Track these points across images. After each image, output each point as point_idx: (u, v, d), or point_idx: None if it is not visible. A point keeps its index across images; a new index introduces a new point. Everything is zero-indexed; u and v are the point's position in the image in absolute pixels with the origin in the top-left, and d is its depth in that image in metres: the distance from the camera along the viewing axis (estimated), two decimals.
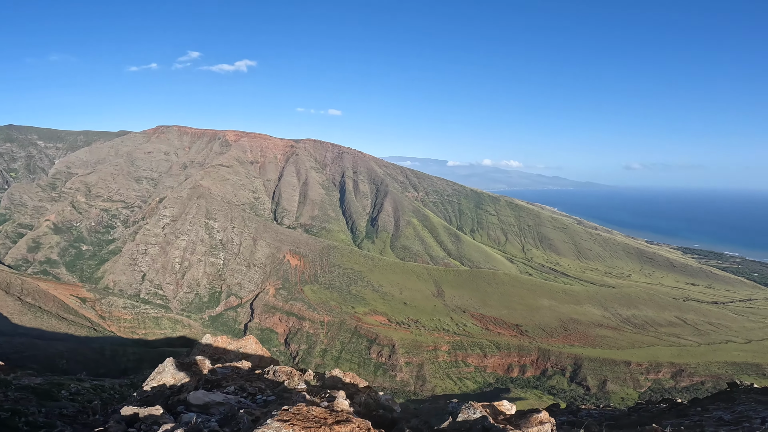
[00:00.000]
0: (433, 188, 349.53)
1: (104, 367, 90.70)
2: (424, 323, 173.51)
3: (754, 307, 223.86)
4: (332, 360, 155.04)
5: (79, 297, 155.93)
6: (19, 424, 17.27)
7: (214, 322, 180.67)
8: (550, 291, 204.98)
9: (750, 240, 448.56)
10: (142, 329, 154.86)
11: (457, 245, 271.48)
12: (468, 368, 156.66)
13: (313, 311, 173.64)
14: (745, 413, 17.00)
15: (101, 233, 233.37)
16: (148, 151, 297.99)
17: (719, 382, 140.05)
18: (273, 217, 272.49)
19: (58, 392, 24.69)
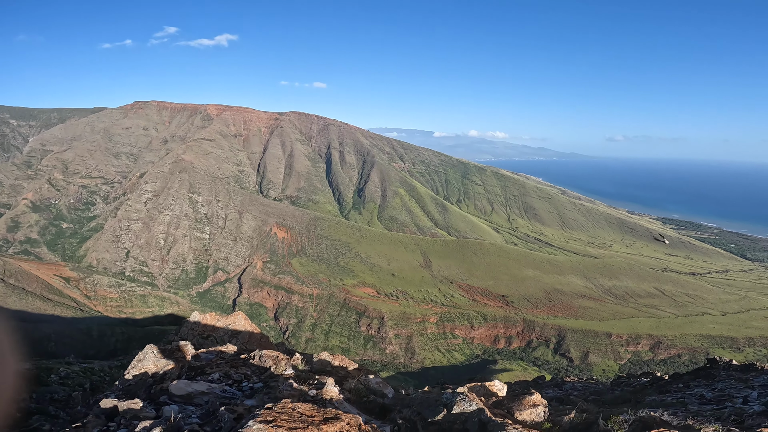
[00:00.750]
0: (419, 159, 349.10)
1: (92, 348, 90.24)
2: (412, 294, 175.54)
3: (730, 279, 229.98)
4: (322, 334, 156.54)
5: (62, 277, 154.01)
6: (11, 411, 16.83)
7: (203, 298, 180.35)
8: (534, 261, 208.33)
9: (728, 211, 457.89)
10: (129, 308, 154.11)
11: (444, 215, 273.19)
12: (456, 340, 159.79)
13: (301, 284, 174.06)
14: (726, 391, 17.24)
15: (81, 210, 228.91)
16: (126, 126, 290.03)
17: (695, 355, 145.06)
18: (258, 189, 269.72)
19: (48, 377, 24.28)
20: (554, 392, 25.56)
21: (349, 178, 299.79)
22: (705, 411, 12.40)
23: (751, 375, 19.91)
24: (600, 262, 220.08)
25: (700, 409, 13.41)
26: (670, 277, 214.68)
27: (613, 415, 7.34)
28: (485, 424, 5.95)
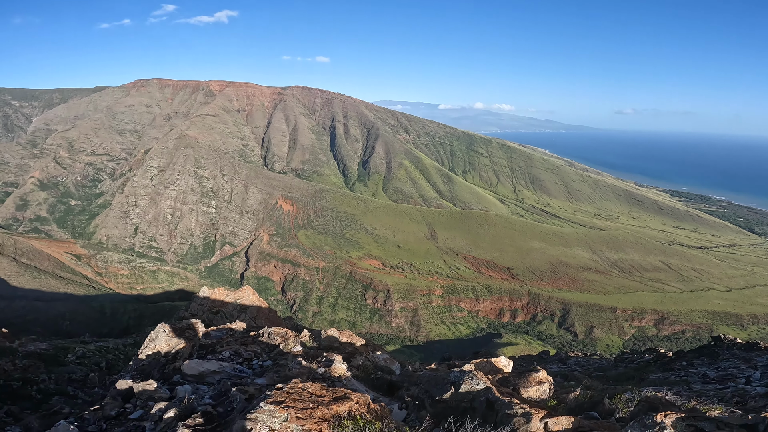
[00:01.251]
0: (424, 131, 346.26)
1: (106, 326, 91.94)
2: (418, 267, 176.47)
3: (737, 253, 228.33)
4: (329, 307, 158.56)
5: (73, 254, 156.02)
6: (32, 392, 17.22)
7: (211, 272, 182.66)
8: (540, 233, 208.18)
9: (737, 184, 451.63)
10: (140, 284, 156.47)
11: (449, 186, 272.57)
12: (461, 313, 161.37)
13: (308, 257, 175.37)
14: (729, 371, 17.30)
15: (88, 187, 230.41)
16: (128, 104, 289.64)
17: (699, 331, 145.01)
18: (263, 163, 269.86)
19: (65, 357, 24.77)
20: (558, 368, 25.92)
21: (353, 151, 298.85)
22: (708, 391, 12.50)
23: (754, 354, 19.97)
24: (606, 234, 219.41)
25: (703, 388, 13.52)
26: (677, 250, 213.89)
27: (618, 393, 7.44)
28: (492, 403, 6.05)
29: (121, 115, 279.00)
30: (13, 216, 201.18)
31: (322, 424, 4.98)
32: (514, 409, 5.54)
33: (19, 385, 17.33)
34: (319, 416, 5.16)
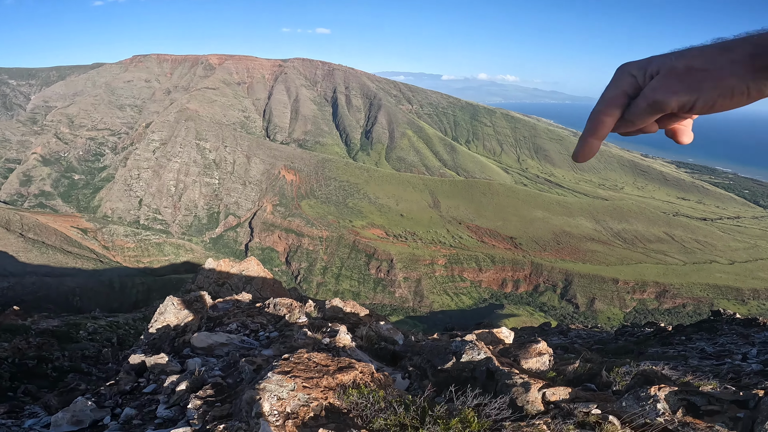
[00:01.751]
0: (427, 101, 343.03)
1: (115, 300, 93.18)
2: (421, 236, 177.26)
3: (741, 225, 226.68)
4: (333, 278, 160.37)
5: (79, 228, 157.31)
6: (47, 370, 17.47)
7: (216, 244, 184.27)
8: (544, 202, 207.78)
9: (744, 156, 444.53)
10: (147, 257, 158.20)
11: (452, 155, 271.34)
12: (464, 283, 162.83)
13: (311, 227, 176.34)
14: (727, 346, 17.52)
15: (91, 161, 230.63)
16: (127, 80, 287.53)
17: (700, 305, 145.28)
18: (265, 134, 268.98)
19: (77, 333, 25.18)
20: (559, 340, 26.38)
21: (356, 121, 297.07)
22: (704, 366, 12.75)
23: (752, 330, 20.15)
24: (610, 204, 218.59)
25: (700, 364, 13.77)
26: (681, 221, 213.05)
27: (616, 366, 7.63)
28: (493, 373, 6.23)
29: (120, 91, 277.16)
30: (17, 192, 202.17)
31: (328, 393, 5.17)
32: (513, 379, 5.72)
33: (34, 363, 17.57)
34: (324, 385, 5.35)
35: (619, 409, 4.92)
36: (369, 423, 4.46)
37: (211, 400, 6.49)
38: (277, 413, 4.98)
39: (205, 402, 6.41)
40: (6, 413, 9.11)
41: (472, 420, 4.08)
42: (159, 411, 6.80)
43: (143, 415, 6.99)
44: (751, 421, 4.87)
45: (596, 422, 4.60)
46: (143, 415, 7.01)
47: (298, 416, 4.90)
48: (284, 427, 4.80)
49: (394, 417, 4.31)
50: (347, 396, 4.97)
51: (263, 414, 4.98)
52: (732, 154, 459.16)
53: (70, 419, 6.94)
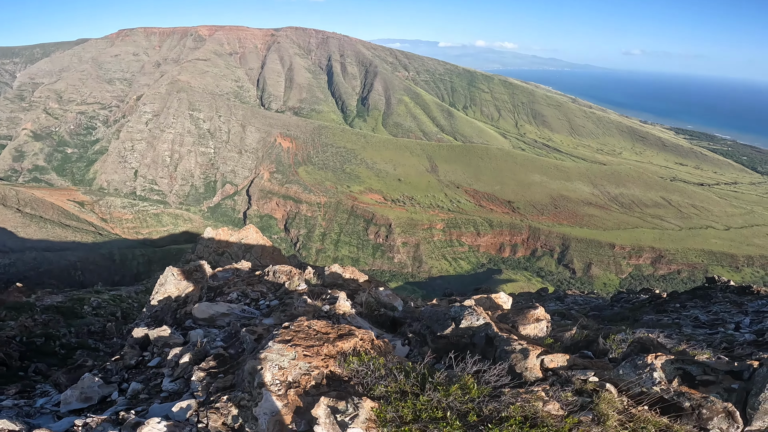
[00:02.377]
0: (424, 68, 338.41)
1: (117, 273, 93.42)
2: (419, 200, 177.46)
3: (738, 191, 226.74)
4: (332, 244, 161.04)
5: (76, 201, 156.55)
6: (56, 348, 17.50)
7: (214, 212, 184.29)
8: (541, 166, 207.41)
9: (743, 124, 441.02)
10: (145, 228, 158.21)
11: (449, 121, 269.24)
12: (462, 248, 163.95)
13: (309, 193, 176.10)
14: (720, 315, 17.65)
15: (83, 135, 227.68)
16: (114, 54, 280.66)
17: (694, 272, 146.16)
18: (260, 103, 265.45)
19: (81, 308, 25.21)
20: (556, 305, 26.73)
21: (351, 88, 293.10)
22: (698, 335, 12.90)
23: (746, 299, 20.25)
24: (608, 169, 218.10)
25: (694, 332, 13.93)
26: (678, 186, 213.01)
27: (612, 333, 7.72)
28: (492, 339, 6.28)
29: (107, 65, 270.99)
30: (11, 167, 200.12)
31: (328, 361, 5.20)
32: (512, 345, 5.77)
33: (42, 341, 17.59)
34: (325, 353, 5.38)
35: (616, 377, 4.98)
36: (370, 390, 4.51)
37: (214, 371, 6.54)
38: (279, 383, 5.02)
39: (208, 373, 6.46)
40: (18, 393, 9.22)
41: (471, 386, 4.13)
42: (164, 384, 6.90)
43: (149, 389, 7.09)
44: (745, 392, 4.94)
45: (594, 390, 4.67)
46: (149, 389, 7.11)
47: (299, 385, 4.94)
48: (286, 396, 4.84)
49: (395, 384, 4.35)
50: (348, 364, 5.00)
51: (265, 384, 5.01)
52: (731, 121, 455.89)
53: (78, 396, 7.01)
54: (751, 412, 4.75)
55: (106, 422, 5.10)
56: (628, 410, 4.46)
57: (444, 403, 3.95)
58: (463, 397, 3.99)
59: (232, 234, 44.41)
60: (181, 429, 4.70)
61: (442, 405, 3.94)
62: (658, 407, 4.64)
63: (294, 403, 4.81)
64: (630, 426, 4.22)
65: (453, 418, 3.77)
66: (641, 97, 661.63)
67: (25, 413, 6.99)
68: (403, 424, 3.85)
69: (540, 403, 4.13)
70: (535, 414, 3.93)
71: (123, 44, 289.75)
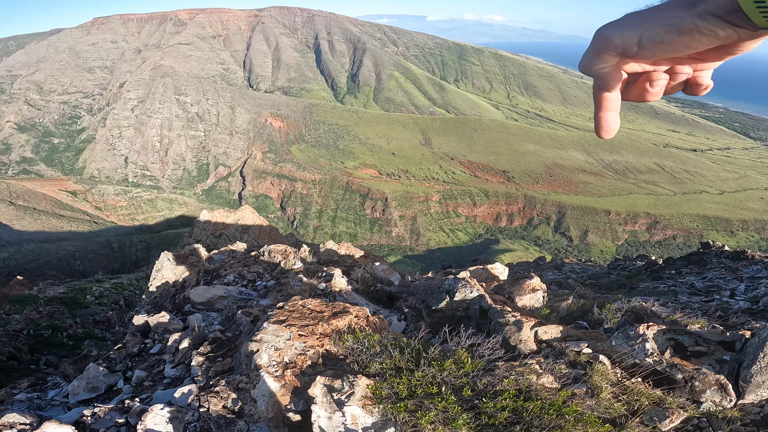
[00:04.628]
0: (413, 43, 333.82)
1: (116, 261, 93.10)
2: (414, 173, 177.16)
3: (731, 156, 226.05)
4: (329, 221, 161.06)
5: (68, 191, 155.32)
6: (63, 339, 17.65)
7: (208, 195, 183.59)
8: (535, 136, 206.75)
9: (734, 92, 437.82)
10: (141, 214, 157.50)
11: (441, 94, 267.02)
12: (459, 219, 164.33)
13: (303, 171, 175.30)
14: (716, 282, 17.74)
15: (68, 124, 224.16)
16: (92, 42, 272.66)
17: (690, 237, 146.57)
18: (248, 84, 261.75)
19: (84, 298, 25.28)
20: (554, 275, 26.95)
21: (341, 65, 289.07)
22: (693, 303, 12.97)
23: (741, 264, 20.32)
24: None
25: (690, 300, 14.02)
26: (671, 152, 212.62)
27: (608, 302, 7.76)
28: (486, 311, 6.30)
29: (86, 54, 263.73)
30: None
31: (324, 339, 5.22)
32: (506, 317, 5.79)
33: (49, 333, 17.73)
34: (320, 332, 5.40)
35: (609, 348, 4.98)
36: (365, 368, 4.53)
37: (212, 355, 6.59)
38: (275, 364, 5.05)
39: (207, 358, 6.50)
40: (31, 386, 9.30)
41: (465, 361, 4.14)
42: (166, 370, 6.94)
43: (153, 376, 7.12)
44: (737, 364, 4.88)
45: (587, 362, 4.68)
46: (153, 376, 7.14)
47: (296, 365, 4.96)
48: (283, 377, 4.87)
49: (390, 361, 4.36)
50: (343, 342, 5.01)
51: (262, 366, 5.04)
52: (723, 89, 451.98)
53: (85, 386, 7.03)
54: (744, 384, 4.69)
55: (113, 411, 5.15)
56: (622, 382, 4.48)
57: (438, 378, 3.97)
58: (457, 372, 4.01)
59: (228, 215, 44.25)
60: (184, 414, 4.74)
61: (437, 380, 3.96)
62: (650, 379, 4.64)
63: (291, 383, 4.85)
64: (624, 398, 4.25)
65: (448, 393, 3.79)
66: None
67: (37, 406, 7.06)
68: (398, 400, 3.88)
69: (534, 376, 4.15)
70: (529, 387, 3.95)
71: (99, 32, 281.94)
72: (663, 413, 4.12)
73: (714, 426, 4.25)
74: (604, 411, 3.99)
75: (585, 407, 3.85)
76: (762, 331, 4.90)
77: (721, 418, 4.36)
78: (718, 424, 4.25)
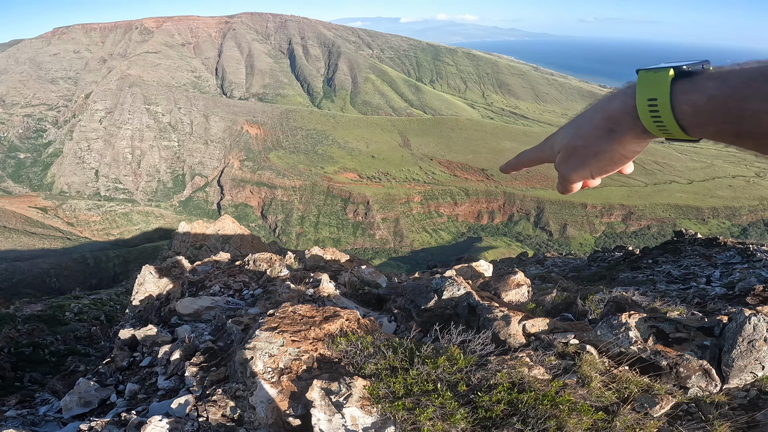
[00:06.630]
0: (387, 45, 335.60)
1: (94, 276, 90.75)
2: (394, 175, 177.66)
3: (697, 146, 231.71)
4: (311, 227, 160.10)
5: (38, 207, 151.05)
6: (45, 356, 17.45)
7: (186, 206, 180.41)
8: (511, 133, 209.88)
9: None
10: (116, 229, 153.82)
11: (418, 96, 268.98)
12: (441, 218, 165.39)
13: (283, 178, 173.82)
14: (691, 269, 18.22)
15: (34, 138, 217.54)
16: (53, 53, 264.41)
17: (664, 226, 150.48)
18: (221, 92, 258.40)
19: (63, 315, 24.82)
20: (537, 269, 27.35)
21: (316, 70, 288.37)
22: (672, 291, 13.32)
23: (714, 251, 20.87)
24: None
25: (668, 288, 14.37)
26: None
27: (590, 294, 7.99)
28: (474, 308, 6.44)
29: (47, 65, 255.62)
30: None
31: (317, 344, 5.27)
32: (494, 312, 5.93)
33: (30, 351, 17.55)
34: (313, 337, 5.44)
35: (595, 338, 5.13)
36: (360, 369, 4.60)
37: (206, 365, 6.56)
38: (271, 370, 5.08)
39: (200, 368, 6.48)
40: (19, 403, 9.15)
41: (458, 357, 4.25)
42: (159, 382, 6.87)
43: (146, 389, 7.08)
44: (718, 348, 5.00)
45: (575, 352, 4.82)
46: (146, 388, 7.10)
47: (291, 370, 5.01)
48: (280, 382, 4.90)
49: (384, 361, 4.45)
50: (336, 345, 5.08)
51: (257, 373, 5.06)
52: None
53: (78, 401, 6.99)
54: (726, 369, 4.79)
55: (110, 424, 5.10)
56: (610, 371, 4.62)
57: (433, 375, 4.08)
58: (451, 368, 4.12)
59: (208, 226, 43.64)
60: (183, 424, 4.74)
61: (431, 377, 4.06)
62: (637, 367, 4.76)
63: (288, 388, 4.89)
64: (613, 387, 4.38)
65: (444, 389, 3.90)
66: (597, 62, 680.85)
67: (30, 422, 6.99)
68: (396, 399, 3.96)
69: (525, 369, 4.28)
70: (522, 379, 4.08)
71: (61, 42, 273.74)
72: (653, 400, 4.24)
73: (703, 411, 4.36)
74: (596, 399, 4.13)
75: (577, 396, 4.00)
76: (738, 315, 5.03)
77: (709, 402, 4.47)
78: (707, 409, 4.36)
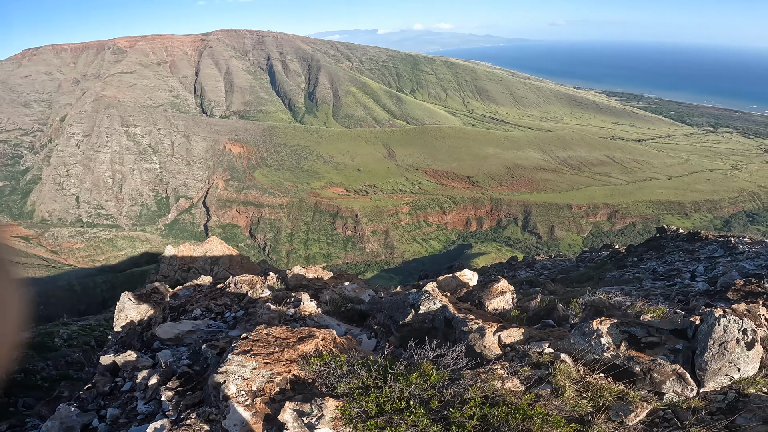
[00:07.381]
0: (367, 57, 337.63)
1: (82, 303, 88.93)
2: (381, 187, 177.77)
3: (672, 143, 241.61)
4: (301, 243, 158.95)
5: (20, 236, 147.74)
6: (38, 381, 17.53)
7: (172, 229, 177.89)
8: (493, 139, 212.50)
9: (665, 83, 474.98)
10: (101, 255, 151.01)
11: (399, 106, 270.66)
12: (430, 228, 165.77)
13: (269, 196, 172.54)
14: (676, 265, 18.33)
15: (10, 165, 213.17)
16: (24, 75, 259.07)
17: (648, 222, 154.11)
18: (201, 111, 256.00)
19: (52, 341, 24.68)
20: (527, 273, 27.39)
21: (296, 85, 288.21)
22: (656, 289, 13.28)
23: (696, 246, 21.01)
24: (554, 134, 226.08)
25: (653, 286, 14.36)
26: (619, 144, 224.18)
27: (575, 297, 7.92)
28: (450, 321, 6.38)
29: (19, 87, 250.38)
30: None
31: (290, 366, 5.18)
32: (468, 325, 5.88)
33: (22, 377, 17.64)
34: (286, 358, 5.35)
35: (569, 346, 4.99)
36: (333, 389, 4.51)
37: (182, 389, 6.51)
38: (244, 393, 5.01)
39: (176, 392, 6.43)
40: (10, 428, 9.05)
41: (430, 373, 4.18)
42: (139, 407, 6.96)
43: (127, 413, 7.17)
44: (691, 351, 4.84)
45: (550, 361, 4.74)
46: (126, 413, 7.19)
47: (264, 393, 4.92)
48: (253, 405, 4.83)
49: (357, 380, 4.37)
50: (310, 366, 4.99)
51: (230, 396, 5.00)
52: (654, 81, 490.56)
53: (59, 427, 7.04)
54: (701, 373, 4.63)
55: None
56: (584, 379, 4.53)
57: (406, 392, 3.99)
58: (423, 385, 4.05)
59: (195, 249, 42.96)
60: None
61: (404, 395, 3.98)
62: (611, 373, 4.66)
63: (262, 411, 4.82)
64: (588, 395, 4.29)
65: (416, 406, 3.82)
66: (570, 64, 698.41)
67: None
68: (368, 418, 3.88)
69: (499, 382, 4.20)
70: (495, 393, 4.00)
71: (31, 64, 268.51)
72: (627, 407, 4.13)
73: (680, 417, 4.21)
74: (570, 410, 4.05)
75: (551, 408, 3.93)
76: (709, 316, 4.85)
77: (686, 408, 4.33)
78: (684, 415, 4.22)
